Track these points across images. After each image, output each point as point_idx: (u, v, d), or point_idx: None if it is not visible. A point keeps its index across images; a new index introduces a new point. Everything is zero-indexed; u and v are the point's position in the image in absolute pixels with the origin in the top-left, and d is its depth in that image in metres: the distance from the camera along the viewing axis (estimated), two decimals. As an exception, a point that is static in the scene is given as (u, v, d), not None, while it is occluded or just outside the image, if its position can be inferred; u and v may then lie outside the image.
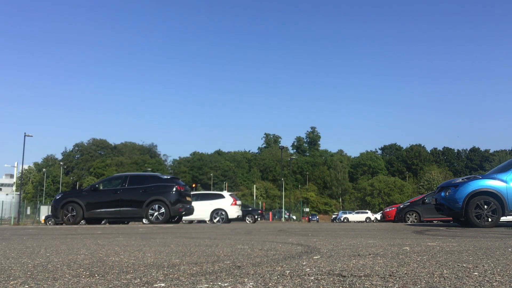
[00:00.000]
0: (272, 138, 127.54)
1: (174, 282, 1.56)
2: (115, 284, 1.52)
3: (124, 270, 1.87)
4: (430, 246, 3.19)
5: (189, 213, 14.83)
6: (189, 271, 1.83)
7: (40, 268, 1.97)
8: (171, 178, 14.66)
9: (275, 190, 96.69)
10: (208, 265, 2.02)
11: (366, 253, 2.61)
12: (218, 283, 1.52)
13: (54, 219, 14.75)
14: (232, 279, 1.59)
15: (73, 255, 2.64)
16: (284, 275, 1.68)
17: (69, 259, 2.39)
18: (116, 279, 1.62)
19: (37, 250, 3.07)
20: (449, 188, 9.89)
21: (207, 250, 2.91)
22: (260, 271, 1.80)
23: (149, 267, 1.97)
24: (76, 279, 1.64)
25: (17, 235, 6.07)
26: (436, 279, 1.59)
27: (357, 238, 4.55)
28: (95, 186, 14.42)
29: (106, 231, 7.07)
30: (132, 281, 1.59)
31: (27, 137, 42.02)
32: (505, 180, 9.37)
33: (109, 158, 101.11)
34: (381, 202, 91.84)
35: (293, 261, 2.16)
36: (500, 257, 2.37)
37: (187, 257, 2.44)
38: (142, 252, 2.79)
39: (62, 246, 3.48)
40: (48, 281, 1.59)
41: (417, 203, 19.06)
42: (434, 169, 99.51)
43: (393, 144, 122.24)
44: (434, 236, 5.03)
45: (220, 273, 1.76)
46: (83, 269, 1.91)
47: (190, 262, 2.18)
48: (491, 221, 9.06)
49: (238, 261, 2.17)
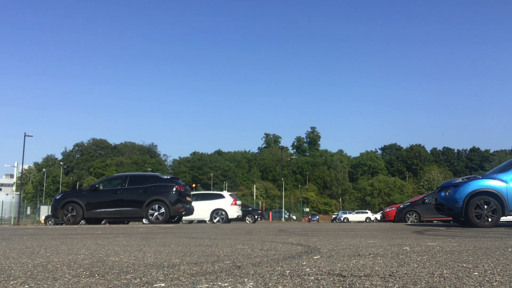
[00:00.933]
0: (272, 138, 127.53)
1: (174, 282, 1.56)
2: (115, 284, 1.52)
3: (124, 270, 1.87)
4: (430, 246, 3.19)
5: (189, 213, 14.84)
6: (189, 271, 1.83)
7: (40, 268, 1.97)
8: (171, 178, 14.67)
9: (275, 190, 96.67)
10: (208, 265, 2.02)
11: (366, 253, 2.61)
12: (218, 283, 1.52)
13: (54, 219, 14.75)
14: (232, 279, 1.59)
15: (73, 255, 2.64)
16: (284, 275, 1.68)
17: (69, 259, 2.39)
18: (116, 279, 1.62)
19: (37, 250, 3.07)
20: (449, 188, 9.89)
21: (207, 250, 2.91)
22: (260, 271, 1.80)
23: (149, 267, 1.97)
24: (76, 279, 1.64)
25: (17, 235, 6.07)
26: (436, 279, 1.59)
27: (357, 238, 4.55)
28: (95, 186, 14.42)
29: (106, 231, 7.07)
30: (132, 281, 1.59)
31: (27, 137, 42.04)
32: (505, 180, 9.37)
33: (109, 158, 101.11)
34: (381, 202, 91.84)
35: (293, 261, 2.16)
36: (500, 257, 2.37)
37: (187, 257, 2.44)
38: (142, 252, 2.79)
39: (62, 246, 3.48)
40: (48, 281, 1.59)
41: (417, 203, 19.06)
42: (434, 169, 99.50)
43: (393, 144, 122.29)
44: (434, 236, 5.03)
45: (220, 273, 1.76)
46: (83, 269, 1.91)
47: (190, 262, 2.18)
48: (491, 221, 9.06)
49: (238, 261, 2.17)
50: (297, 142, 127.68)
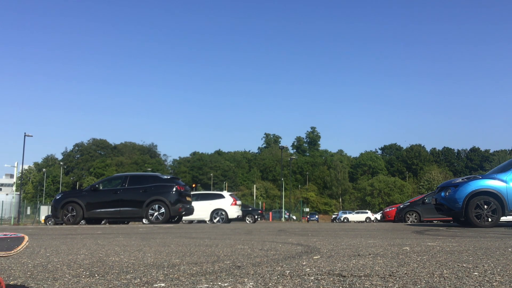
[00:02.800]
0: (272, 138, 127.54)
1: (174, 282, 1.56)
2: (115, 284, 1.52)
3: (124, 270, 1.87)
4: (430, 246, 3.19)
5: (189, 213, 14.84)
6: (189, 271, 1.83)
7: (40, 268, 1.97)
8: (171, 178, 14.67)
9: (275, 190, 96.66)
10: (208, 265, 2.02)
11: (366, 253, 2.61)
12: (218, 283, 1.52)
13: (54, 219, 14.75)
14: (232, 279, 1.59)
15: (73, 255, 2.64)
16: (284, 275, 1.68)
17: (69, 259, 2.39)
18: (116, 279, 1.62)
19: (37, 250, 3.07)
20: (449, 188, 9.89)
21: (207, 250, 2.91)
22: (260, 271, 1.80)
23: (149, 267, 1.97)
24: (76, 279, 1.64)
25: (17, 235, 6.06)
26: (436, 279, 1.59)
27: (357, 238, 4.55)
28: (95, 186, 14.42)
29: (106, 231, 7.07)
30: (132, 281, 1.59)
31: (27, 137, 42.04)
32: (505, 180, 9.38)
33: (109, 158, 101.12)
34: (381, 202, 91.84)
35: (293, 261, 2.16)
36: (500, 257, 2.37)
37: (187, 257, 2.44)
38: (142, 252, 2.79)
39: (62, 246, 3.48)
40: (48, 281, 1.59)
41: (417, 203, 19.06)
42: (434, 169, 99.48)
43: (393, 144, 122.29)
44: (434, 236, 5.03)
45: (220, 273, 1.76)
46: (83, 269, 1.91)
47: (190, 262, 2.18)
48: (491, 221, 9.06)
49: (238, 261, 2.17)
50: (297, 142, 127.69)
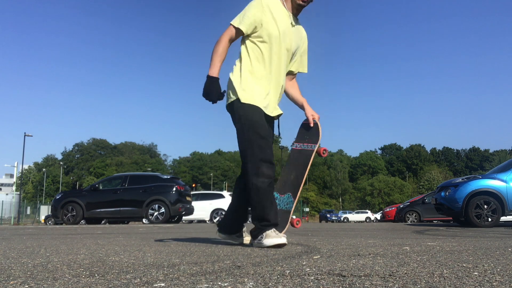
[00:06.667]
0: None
1: (174, 282, 1.56)
2: (115, 284, 1.52)
3: (124, 270, 1.87)
4: (430, 246, 3.20)
5: (189, 213, 14.85)
6: (189, 271, 1.83)
7: (40, 268, 1.97)
8: (171, 178, 14.69)
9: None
10: (208, 265, 2.02)
11: (366, 253, 2.61)
12: (218, 283, 1.52)
13: (54, 219, 14.77)
14: (232, 279, 1.59)
15: (73, 255, 2.64)
16: (284, 275, 1.68)
17: (69, 259, 2.39)
18: (116, 279, 1.62)
19: (37, 250, 3.07)
20: (449, 188, 9.90)
21: (207, 250, 2.91)
22: (260, 271, 1.80)
23: (149, 267, 1.97)
24: (76, 279, 1.64)
25: (17, 235, 6.07)
26: (436, 279, 1.59)
27: (357, 238, 4.56)
28: (95, 186, 14.44)
29: (106, 231, 7.08)
30: (132, 281, 1.59)
31: (27, 137, 42.07)
32: (505, 180, 9.39)
33: (109, 158, 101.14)
34: (381, 202, 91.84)
35: (293, 261, 2.16)
36: (500, 257, 2.37)
37: (187, 257, 2.44)
38: (142, 252, 2.79)
39: (62, 246, 3.49)
40: (48, 281, 1.59)
41: (417, 203, 19.08)
42: (434, 169, 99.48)
43: (393, 144, 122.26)
44: (434, 236, 5.03)
45: (220, 273, 1.76)
46: (83, 269, 1.91)
47: (190, 262, 2.18)
48: (491, 221, 9.07)
49: (238, 261, 2.17)
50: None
